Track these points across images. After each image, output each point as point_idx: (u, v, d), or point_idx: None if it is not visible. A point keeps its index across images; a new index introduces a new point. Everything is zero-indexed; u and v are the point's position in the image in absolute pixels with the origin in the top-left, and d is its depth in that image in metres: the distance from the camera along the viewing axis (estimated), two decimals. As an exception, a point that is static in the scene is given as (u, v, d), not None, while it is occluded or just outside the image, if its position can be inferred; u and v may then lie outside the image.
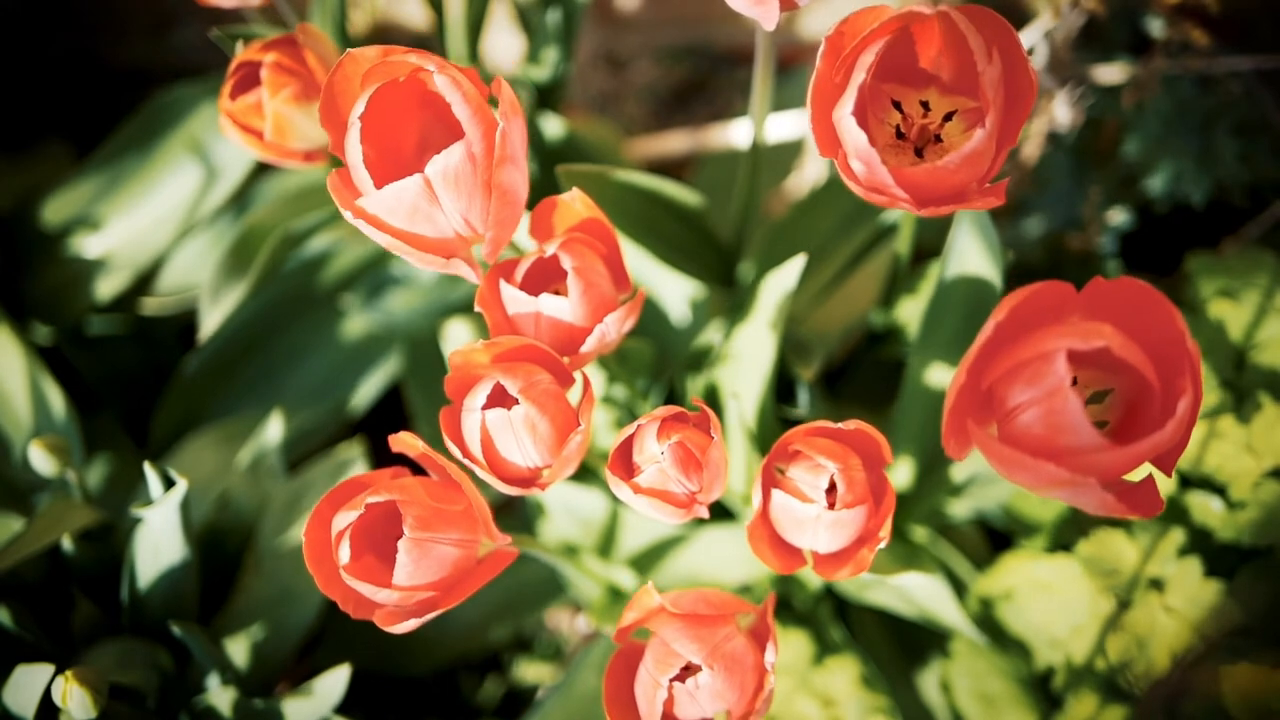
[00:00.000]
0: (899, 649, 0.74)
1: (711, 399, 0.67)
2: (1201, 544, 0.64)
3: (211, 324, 0.70)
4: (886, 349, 0.78)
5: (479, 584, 0.48)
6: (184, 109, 0.84)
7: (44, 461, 0.62)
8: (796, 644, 0.68)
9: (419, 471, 0.50)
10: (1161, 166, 0.78)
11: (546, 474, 0.49)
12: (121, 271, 0.83)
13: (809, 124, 0.46)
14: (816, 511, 0.47)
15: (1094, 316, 0.42)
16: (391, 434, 0.48)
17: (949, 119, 0.48)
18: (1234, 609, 0.61)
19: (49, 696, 0.57)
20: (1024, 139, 0.78)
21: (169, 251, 0.84)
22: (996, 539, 0.75)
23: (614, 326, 0.50)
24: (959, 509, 0.67)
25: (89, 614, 0.67)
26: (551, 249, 0.50)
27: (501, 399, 0.48)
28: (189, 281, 0.84)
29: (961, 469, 0.60)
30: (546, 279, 0.52)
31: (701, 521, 0.69)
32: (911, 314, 0.75)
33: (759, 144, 0.65)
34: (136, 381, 0.89)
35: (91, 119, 0.95)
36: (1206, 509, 0.64)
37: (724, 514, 0.71)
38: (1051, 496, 0.42)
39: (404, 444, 0.48)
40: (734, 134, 0.98)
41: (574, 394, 0.50)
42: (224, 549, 0.72)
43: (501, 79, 0.47)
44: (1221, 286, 0.68)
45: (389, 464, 0.51)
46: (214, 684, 0.64)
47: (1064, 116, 0.76)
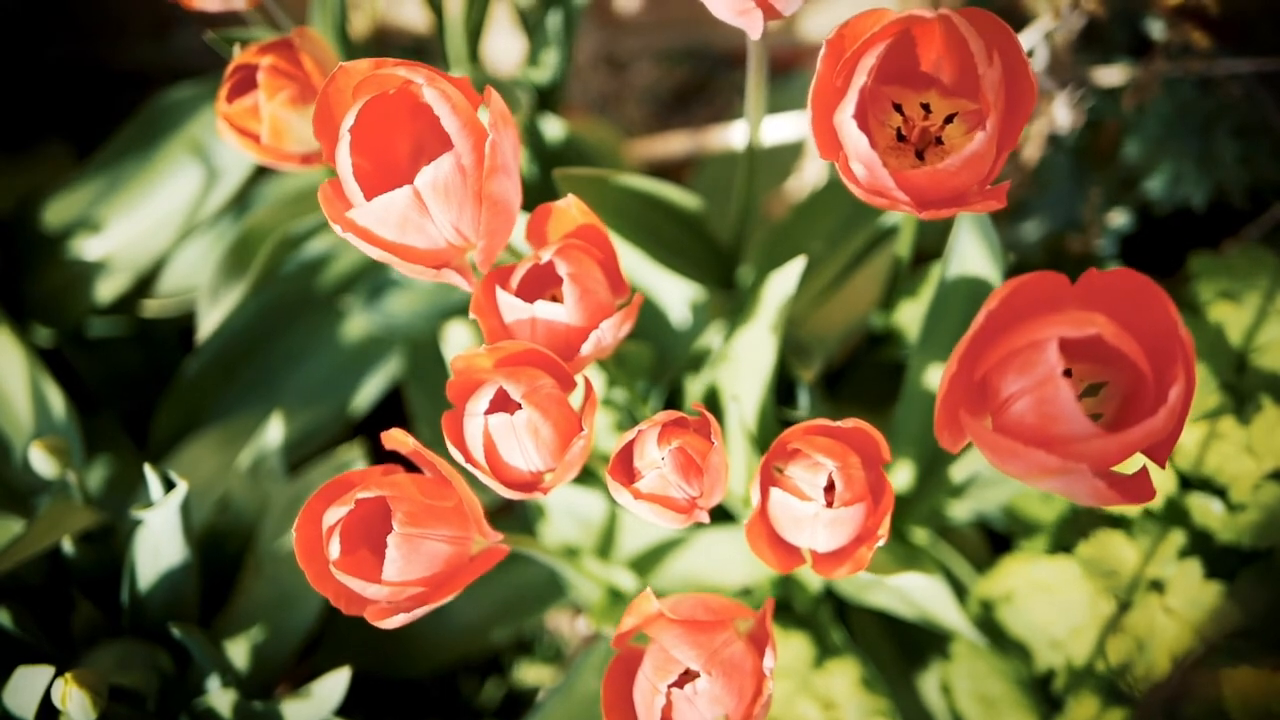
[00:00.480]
0: (899, 651, 0.74)
1: (712, 401, 0.67)
2: (1202, 546, 0.64)
3: (210, 325, 0.70)
4: (886, 351, 0.78)
5: (470, 580, 0.48)
6: (184, 111, 0.84)
7: (44, 463, 0.62)
8: (797, 646, 0.68)
9: (414, 470, 0.50)
10: (1162, 168, 0.78)
11: (549, 478, 0.49)
12: (122, 273, 0.83)
13: (810, 126, 0.46)
14: (815, 510, 0.47)
15: (1088, 307, 0.42)
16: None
17: (950, 121, 0.48)
18: (1234, 611, 0.61)
19: (49, 698, 0.57)
20: (1024, 141, 0.78)
21: (169, 253, 0.84)
22: (997, 542, 0.75)
23: (610, 332, 0.50)
24: (959, 511, 0.67)
25: (89, 616, 0.67)
26: (547, 255, 0.50)
27: (504, 403, 0.48)
28: (189, 283, 0.84)
29: (961, 470, 0.60)
30: (542, 285, 0.52)
31: (701, 524, 0.69)
32: (911, 316, 0.75)
33: (755, 148, 0.65)
34: (137, 383, 0.89)
35: (92, 121, 0.95)
36: (1207, 511, 0.64)
37: (724, 516, 0.71)
38: (1044, 487, 0.42)
39: (396, 441, 0.48)
40: (734, 136, 0.98)
41: (576, 398, 0.50)
42: (224, 551, 0.72)
43: (492, 89, 0.47)
44: (1222, 289, 0.68)
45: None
46: (214, 686, 0.64)
47: (1064, 118, 0.76)
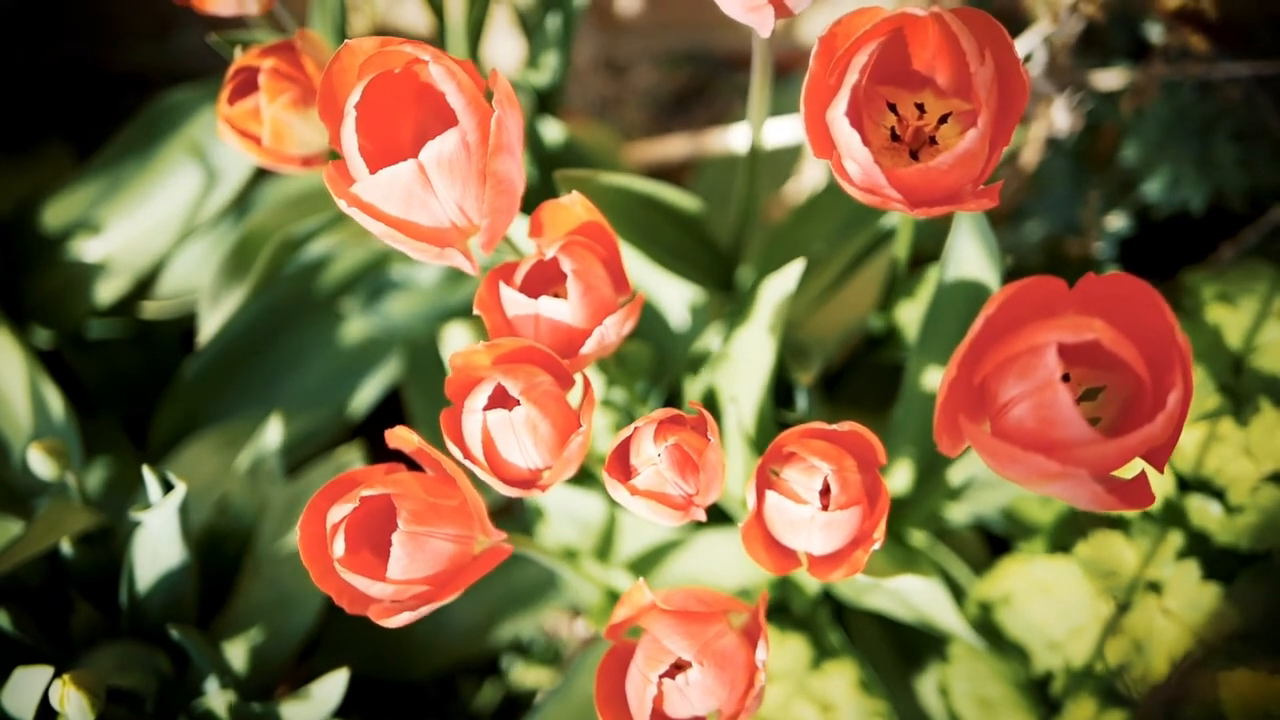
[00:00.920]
0: (897, 653, 0.74)
1: (710, 403, 0.67)
2: (1200, 547, 0.64)
3: (211, 328, 0.70)
4: (885, 353, 0.78)
5: (473, 578, 0.48)
6: (184, 113, 0.84)
7: (43, 465, 0.62)
8: (794, 648, 0.68)
9: (415, 469, 0.50)
10: (1160, 172, 0.78)
11: (547, 475, 0.49)
12: (121, 275, 0.83)
13: (803, 125, 0.46)
14: (810, 513, 0.47)
15: (1085, 312, 0.42)
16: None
17: (944, 121, 0.49)
18: (1232, 613, 0.61)
19: (47, 699, 0.57)
20: (1023, 144, 0.78)
21: (169, 255, 0.84)
22: (995, 545, 0.75)
23: (613, 329, 0.50)
24: (957, 513, 0.67)
25: (88, 617, 0.67)
26: (551, 251, 0.50)
27: (503, 400, 0.48)
28: (189, 285, 0.84)
29: (960, 473, 0.60)
30: (546, 282, 0.52)
31: (699, 525, 0.69)
32: (910, 318, 0.75)
33: (757, 150, 0.65)
34: (136, 385, 0.89)
35: (92, 122, 0.95)
36: (1205, 512, 0.64)
37: (722, 518, 0.71)
38: (1044, 491, 0.42)
39: (399, 439, 0.48)
40: (734, 139, 0.98)
41: (574, 396, 0.51)
42: (223, 552, 0.72)
43: (497, 71, 0.47)
44: (1219, 292, 0.68)
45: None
46: (212, 687, 0.64)
47: (1063, 122, 0.76)
